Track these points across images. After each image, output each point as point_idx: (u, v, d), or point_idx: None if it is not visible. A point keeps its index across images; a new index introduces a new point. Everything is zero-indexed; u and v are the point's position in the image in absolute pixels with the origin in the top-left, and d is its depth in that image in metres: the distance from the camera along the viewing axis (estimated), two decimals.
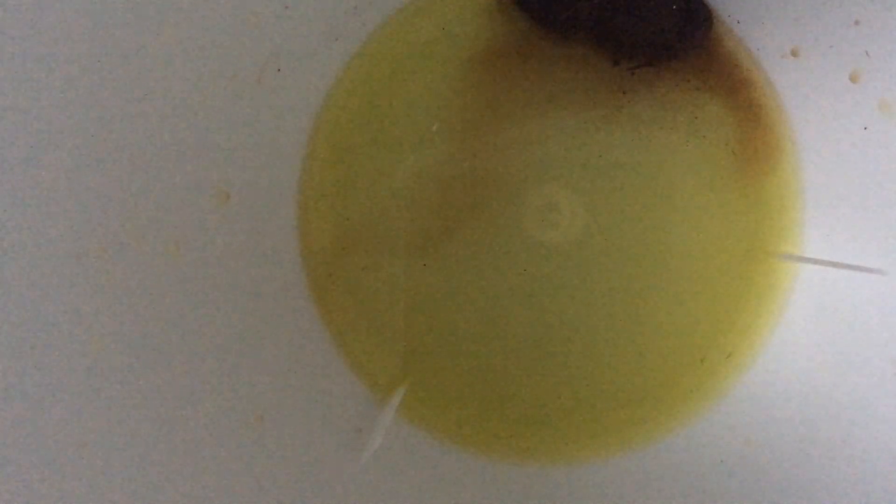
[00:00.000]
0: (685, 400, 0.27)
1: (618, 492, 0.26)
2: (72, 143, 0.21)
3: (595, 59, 0.27)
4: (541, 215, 0.27)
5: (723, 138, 0.27)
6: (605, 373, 0.27)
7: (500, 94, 0.28)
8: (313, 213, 0.28)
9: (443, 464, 0.27)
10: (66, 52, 0.20)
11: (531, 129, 0.27)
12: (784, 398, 0.26)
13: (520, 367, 0.27)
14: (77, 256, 0.21)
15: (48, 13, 0.20)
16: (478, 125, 0.28)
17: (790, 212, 0.27)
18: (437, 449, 0.27)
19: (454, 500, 0.26)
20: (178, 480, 0.21)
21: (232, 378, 0.24)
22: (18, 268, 0.20)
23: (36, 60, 0.20)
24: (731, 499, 0.24)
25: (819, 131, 0.26)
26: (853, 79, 0.25)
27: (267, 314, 0.26)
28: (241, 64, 0.25)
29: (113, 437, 0.21)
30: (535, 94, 0.27)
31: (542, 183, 0.27)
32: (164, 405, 0.22)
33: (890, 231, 0.24)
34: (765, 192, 0.27)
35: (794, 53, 0.26)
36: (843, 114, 0.25)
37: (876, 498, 0.22)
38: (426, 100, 0.28)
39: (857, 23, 0.24)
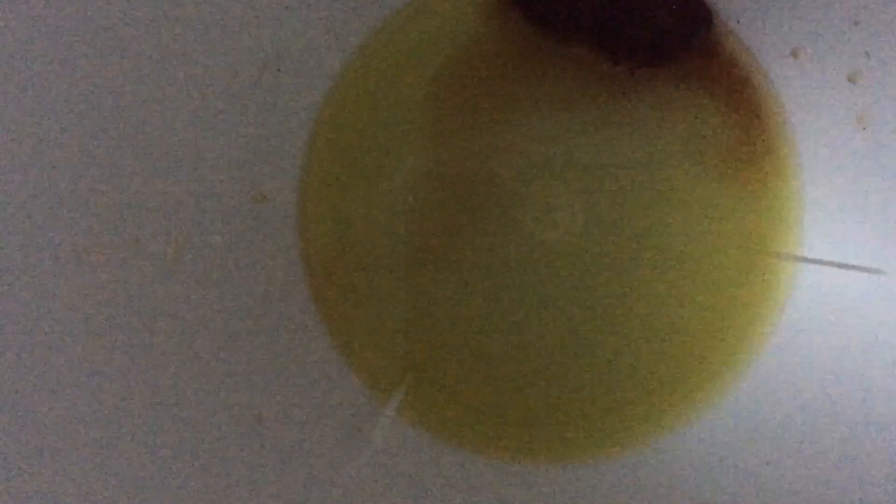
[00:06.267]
0: (685, 400, 0.27)
1: (618, 492, 0.26)
2: (68, 142, 0.21)
3: (595, 59, 0.27)
4: (540, 215, 0.27)
5: (723, 138, 0.27)
6: (604, 373, 0.27)
7: (500, 94, 0.28)
8: (313, 214, 0.28)
9: (443, 464, 0.27)
10: (64, 51, 0.20)
11: (531, 129, 0.27)
12: (784, 398, 0.26)
13: (520, 367, 0.27)
14: (77, 257, 0.21)
15: (48, 13, 0.20)
16: (478, 125, 0.28)
17: (790, 212, 0.27)
18: (437, 449, 0.27)
19: (454, 500, 0.26)
20: (177, 480, 0.21)
21: (232, 378, 0.24)
22: (18, 268, 0.20)
23: (35, 60, 0.20)
24: (731, 499, 0.24)
25: (819, 131, 0.26)
26: (853, 79, 0.25)
27: (267, 314, 0.26)
28: (241, 64, 0.25)
29: (112, 437, 0.21)
30: (535, 94, 0.27)
31: (542, 183, 0.27)
32: (164, 405, 0.22)
33: (890, 231, 0.25)
34: (765, 192, 0.27)
35: (794, 53, 0.26)
36: (843, 114, 0.25)
37: (876, 498, 0.22)
38: (426, 100, 0.28)
39: (857, 23, 0.24)
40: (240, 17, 0.24)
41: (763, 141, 0.27)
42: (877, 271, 0.24)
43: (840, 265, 0.25)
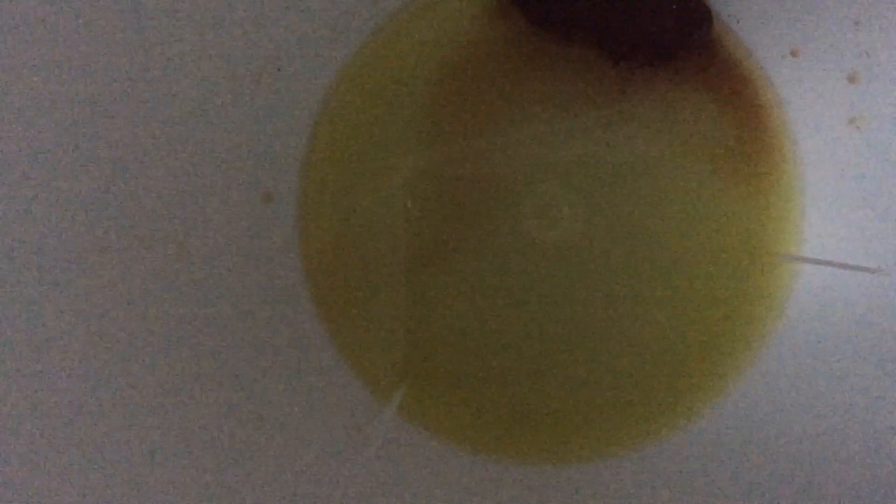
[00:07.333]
0: (685, 400, 0.27)
1: (618, 492, 0.26)
2: (69, 142, 0.21)
3: (595, 59, 0.27)
4: (540, 215, 0.27)
5: (723, 138, 0.27)
6: (604, 372, 0.27)
7: (500, 95, 0.28)
8: (313, 214, 0.28)
9: (443, 464, 0.27)
10: (65, 51, 0.20)
11: (531, 129, 0.27)
12: (784, 398, 0.26)
13: (520, 367, 0.27)
14: (78, 257, 0.21)
15: (49, 14, 0.20)
16: (478, 125, 0.28)
17: (790, 212, 0.27)
18: (437, 449, 0.27)
19: (454, 500, 0.26)
20: (177, 480, 0.21)
21: (232, 378, 0.24)
22: (18, 267, 0.20)
23: (37, 61, 0.20)
24: (731, 499, 0.24)
25: (819, 131, 0.26)
26: (852, 79, 0.25)
27: (267, 314, 0.26)
28: (241, 64, 0.25)
29: (112, 437, 0.21)
30: (534, 94, 0.27)
31: (542, 183, 0.27)
32: (164, 405, 0.22)
33: (890, 231, 0.24)
34: (765, 192, 0.27)
35: (794, 53, 0.26)
36: (842, 114, 0.25)
37: (876, 498, 0.22)
38: (426, 100, 0.28)
39: (857, 23, 0.24)
40: (240, 17, 0.24)
41: (763, 141, 0.27)
42: (877, 271, 0.24)
43: (840, 265, 0.25)
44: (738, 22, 0.27)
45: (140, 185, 0.23)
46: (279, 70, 0.26)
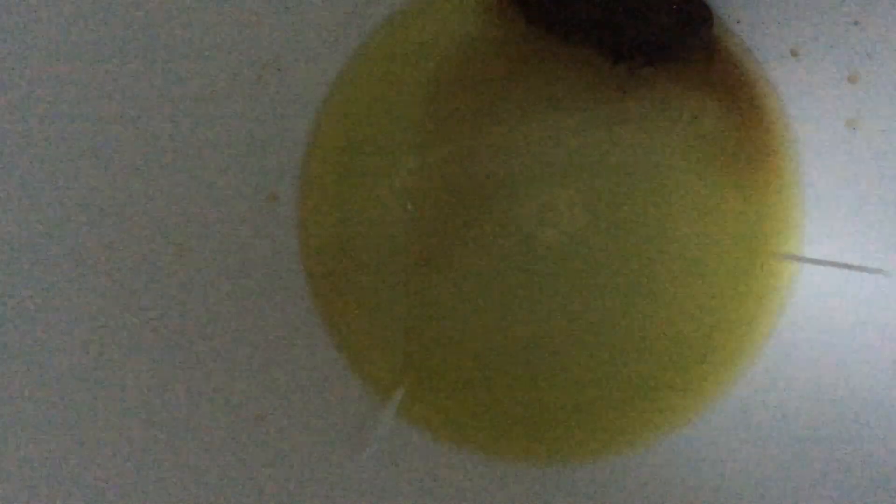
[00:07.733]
0: (685, 400, 0.27)
1: (618, 492, 0.26)
2: (70, 142, 0.21)
3: (595, 59, 0.27)
4: (540, 215, 0.27)
5: (723, 138, 0.27)
6: (604, 373, 0.27)
7: (500, 95, 0.28)
8: (313, 214, 0.28)
9: (443, 464, 0.27)
10: (66, 51, 0.20)
11: (531, 129, 0.27)
12: (784, 398, 0.26)
13: (520, 367, 0.27)
14: (78, 257, 0.21)
15: (50, 15, 0.20)
16: (478, 125, 0.28)
17: (790, 212, 0.27)
18: (437, 449, 0.27)
19: (454, 500, 0.26)
20: (177, 480, 0.21)
21: (232, 378, 0.24)
22: (19, 267, 0.20)
23: (38, 62, 0.20)
24: (731, 499, 0.24)
25: (819, 131, 0.26)
26: (852, 79, 0.25)
27: (267, 314, 0.26)
28: (241, 64, 0.25)
29: (113, 437, 0.21)
30: (535, 94, 0.28)
31: (542, 183, 0.27)
32: (164, 405, 0.22)
33: (890, 231, 0.25)
34: (765, 192, 0.27)
35: (794, 53, 0.26)
36: (842, 114, 0.25)
37: (876, 498, 0.22)
38: (426, 100, 0.28)
39: (857, 23, 0.24)
40: (240, 17, 0.24)
41: (763, 141, 0.27)
42: (877, 271, 0.24)
43: (840, 265, 0.25)
44: (738, 22, 0.27)
45: (139, 185, 0.23)
46: (279, 70, 0.26)
